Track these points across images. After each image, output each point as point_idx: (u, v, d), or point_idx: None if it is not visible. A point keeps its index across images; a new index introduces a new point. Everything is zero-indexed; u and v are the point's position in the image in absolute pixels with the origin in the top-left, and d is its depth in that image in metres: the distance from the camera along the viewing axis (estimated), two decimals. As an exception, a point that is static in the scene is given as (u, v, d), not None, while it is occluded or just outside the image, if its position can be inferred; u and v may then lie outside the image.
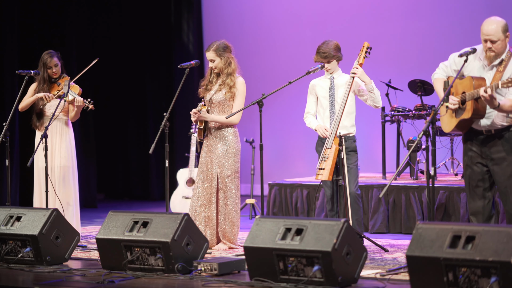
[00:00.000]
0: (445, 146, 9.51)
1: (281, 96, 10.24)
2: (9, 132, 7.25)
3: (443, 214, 8.05)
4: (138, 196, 12.31)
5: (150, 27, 12.17)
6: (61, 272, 5.92)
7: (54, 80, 7.68)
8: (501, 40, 5.76)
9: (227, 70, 7.10)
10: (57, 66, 7.67)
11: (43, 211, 6.35)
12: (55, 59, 7.66)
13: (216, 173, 7.07)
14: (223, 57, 7.09)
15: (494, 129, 5.90)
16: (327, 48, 6.86)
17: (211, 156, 7.12)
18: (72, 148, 7.70)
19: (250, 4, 12.35)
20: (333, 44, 6.89)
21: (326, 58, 6.87)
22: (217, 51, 7.09)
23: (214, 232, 7.09)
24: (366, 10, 11.42)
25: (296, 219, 5.67)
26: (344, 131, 6.87)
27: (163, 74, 12.25)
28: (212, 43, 7.19)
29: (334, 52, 6.86)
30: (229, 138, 7.10)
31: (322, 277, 5.13)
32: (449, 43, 10.71)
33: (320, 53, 6.89)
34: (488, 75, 5.85)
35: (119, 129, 12.42)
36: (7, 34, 10.39)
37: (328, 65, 6.89)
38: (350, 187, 6.83)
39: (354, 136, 6.98)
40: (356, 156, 6.93)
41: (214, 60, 7.09)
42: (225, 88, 7.08)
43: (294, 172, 11.16)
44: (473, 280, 4.61)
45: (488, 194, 5.99)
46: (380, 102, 6.87)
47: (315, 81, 7.07)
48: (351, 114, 6.93)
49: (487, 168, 5.96)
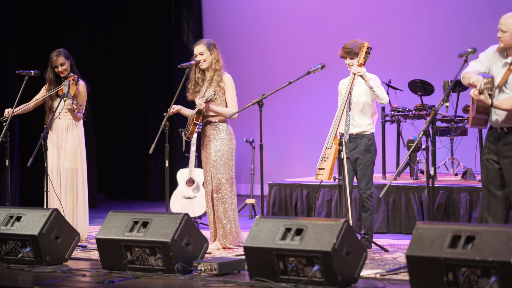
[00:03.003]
0: (445, 146, 9.51)
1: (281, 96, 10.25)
2: (9, 132, 7.25)
3: (443, 214, 8.05)
4: (138, 196, 12.30)
5: (150, 27, 12.16)
6: (61, 272, 5.92)
7: (63, 79, 7.67)
8: (509, 33, 5.82)
9: (215, 66, 7.14)
10: (63, 65, 7.65)
11: (43, 211, 6.35)
12: (61, 58, 7.64)
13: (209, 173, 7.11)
14: (212, 52, 7.15)
15: (506, 127, 5.91)
16: (352, 45, 6.91)
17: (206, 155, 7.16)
18: (78, 149, 7.68)
19: (250, 4, 12.35)
20: (360, 43, 6.92)
21: (349, 54, 6.91)
22: (207, 45, 7.17)
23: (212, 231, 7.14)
24: (366, 10, 11.42)
25: (296, 219, 5.67)
26: (359, 129, 6.90)
27: (163, 74, 12.24)
28: (200, 39, 7.33)
29: (357, 50, 6.88)
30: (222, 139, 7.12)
31: (322, 277, 5.13)
32: (449, 43, 10.71)
33: (344, 48, 6.94)
34: (501, 72, 5.89)
35: (119, 129, 12.42)
36: (7, 34, 10.39)
37: (350, 61, 6.90)
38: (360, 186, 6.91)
39: (371, 135, 6.98)
40: (369, 156, 6.94)
41: (203, 53, 7.13)
42: (213, 84, 7.12)
43: (294, 172, 11.15)
44: (473, 280, 4.61)
45: (499, 192, 5.97)
46: (384, 99, 6.87)
47: (341, 81, 7.15)
48: (367, 113, 6.95)
49: (500, 166, 5.96)
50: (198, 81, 7.21)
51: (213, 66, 7.14)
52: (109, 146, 12.41)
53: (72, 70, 7.71)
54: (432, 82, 9.23)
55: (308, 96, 11.72)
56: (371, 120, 7.00)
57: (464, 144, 9.51)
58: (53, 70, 7.66)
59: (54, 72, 7.68)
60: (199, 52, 7.15)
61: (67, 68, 7.66)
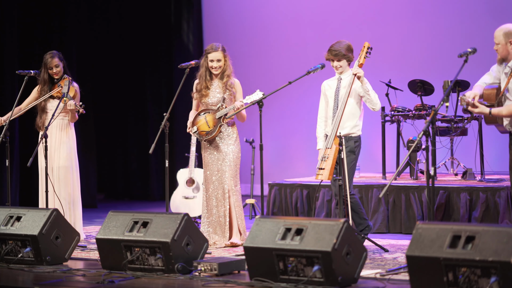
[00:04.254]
0: (445, 146, 9.50)
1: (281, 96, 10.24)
2: (9, 132, 7.26)
3: (443, 214, 8.05)
4: (138, 196, 12.30)
5: (150, 27, 12.16)
6: (61, 272, 5.92)
7: (56, 80, 7.70)
8: (502, 44, 6.23)
9: (227, 72, 7.29)
10: (58, 66, 7.69)
11: (43, 211, 6.35)
12: (56, 60, 7.69)
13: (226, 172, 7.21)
14: (227, 59, 7.30)
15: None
16: (339, 47, 6.88)
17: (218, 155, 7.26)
18: (72, 149, 7.72)
19: (250, 4, 12.34)
20: (345, 44, 6.91)
21: (336, 56, 6.88)
22: (224, 52, 7.29)
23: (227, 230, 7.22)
24: (366, 10, 11.42)
25: (296, 219, 5.66)
26: (346, 131, 6.87)
27: (163, 74, 12.25)
28: (215, 44, 7.34)
29: (345, 52, 6.87)
30: (234, 136, 7.33)
31: (322, 277, 5.13)
32: (449, 43, 10.71)
33: (331, 51, 6.91)
34: (505, 80, 6.22)
35: (119, 129, 12.42)
36: (7, 34, 10.39)
37: (338, 63, 6.90)
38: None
39: (357, 137, 6.96)
40: (353, 157, 6.92)
41: (221, 60, 7.25)
42: (227, 90, 7.25)
43: (294, 172, 11.15)
44: (473, 280, 4.61)
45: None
46: (377, 106, 6.85)
47: (325, 82, 7.09)
48: (354, 115, 6.92)
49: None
50: (207, 83, 7.29)
51: (226, 72, 7.28)
52: (109, 146, 12.41)
53: (65, 72, 7.76)
54: (432, 82, 9.23)
55: (308, 96, 11.70)
56: (358, 121, 6.98)
57: (464, 144, 9.51)
58: (47, 71, 7.69)
59: (48, 73, 7.71)
60: (217, 58, 7.24)
61: (61, 69, 7.72)
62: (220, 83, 7.28)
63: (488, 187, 7.98)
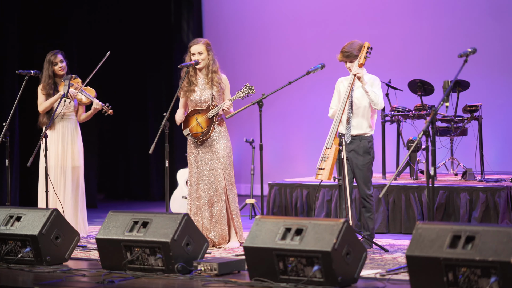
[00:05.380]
0: (445, 146, 9.50)
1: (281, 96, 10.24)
2: (9, 132, 7.25)
3: (443, 214, 8.05)
4: (138, 196, 12.31)
5: (150, 27, 12.17)
6: (61, 272, 5.92)
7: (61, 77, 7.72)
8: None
9: (212, 67, 7.21)
10: (62, 62, 7.74)
11: (43, 211, 6.35)
12: (60, 56, 7.75)
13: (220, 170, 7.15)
14: (210, 53, 7.23)
15: None
16: (350, 48, 6.87)
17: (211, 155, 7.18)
18: (82, 148, 7.78)
19: (250, 4, 12.35)
20: (357, 44, 6.89)
21: (348, 57, 6.87)
22: (206, 45, 7.22)
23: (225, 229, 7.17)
24: (366, 10, 11.43)
25: (296, 219, 5.66)
26: (359, 131, 6.90)
27: (163, 74, 12.25)
28: (198, 38, 7.38)
29: (356, 53, 6.85)
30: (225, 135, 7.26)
31: (322, 277, 5.13)
32: (449, 43, 10.72)
33: (343, 52, 6.90)
34: None
35: (119, 129, 12.42)
36: (7, 34, 10.39)
37: (350, 65, 6.89)
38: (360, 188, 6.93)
39: (370, 137, 6.97)
40: (369, 158, 6.93)
41: (202, 53, 7.20)
42: (214, 85, 7.18)
43: (294, 172, 11.15)
44: (473, 280, 4.61)
45: None
46: (379, 104, 6.86)
47: (341, 79, 7.08)
48: (366, 115, 6.93)
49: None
50: (192, 79, 7.24)
51: (210, 67, 7.20)
52: (109, 146, 12.41)
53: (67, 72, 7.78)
54: (432, 82, 9.23)
55: (308, 96, 11.72)
56: (371, 122, 6.99)
57: (464, 144, 9.51)
58: (52, 68, 7.69)
59: (53, 69, 7.71)
60: (198, 51, 7.18)
61: (65, 66, 7.75)
62: (206, 79, 7.21)
63: (488, 187, 7.98)
